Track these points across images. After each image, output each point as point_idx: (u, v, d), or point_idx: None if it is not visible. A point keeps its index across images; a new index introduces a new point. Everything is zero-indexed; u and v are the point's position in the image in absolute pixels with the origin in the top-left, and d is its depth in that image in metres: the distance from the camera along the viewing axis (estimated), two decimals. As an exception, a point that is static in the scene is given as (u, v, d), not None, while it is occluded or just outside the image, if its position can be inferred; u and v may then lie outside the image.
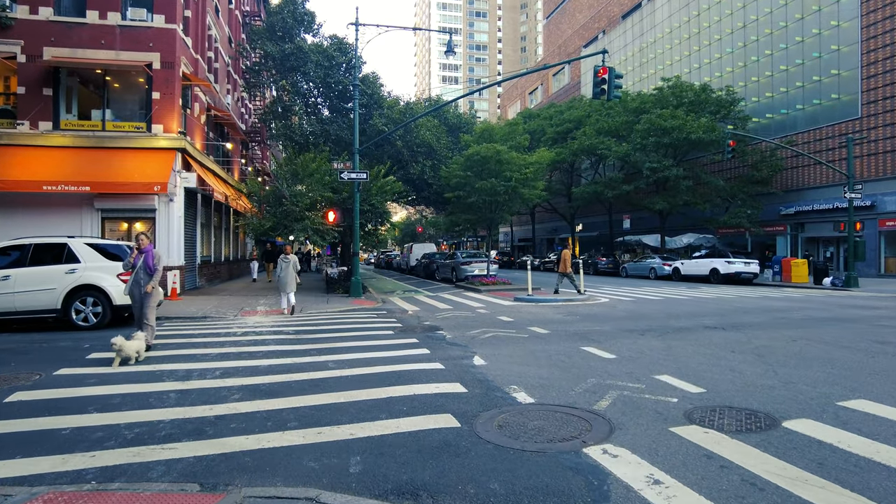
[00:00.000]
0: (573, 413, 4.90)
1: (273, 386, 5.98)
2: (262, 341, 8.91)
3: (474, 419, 4.74)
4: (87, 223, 16.34)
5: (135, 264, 7.97)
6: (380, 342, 8.71)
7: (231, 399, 5.51)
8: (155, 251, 8.11)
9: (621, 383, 5.91)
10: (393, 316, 12.55)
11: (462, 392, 5.60)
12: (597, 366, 6.77)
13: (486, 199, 21.17)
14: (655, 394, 5.48)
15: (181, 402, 5.44)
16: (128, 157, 16.36)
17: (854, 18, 27.62)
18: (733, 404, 5.09)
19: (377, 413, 4.96)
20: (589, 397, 5.40)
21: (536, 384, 5.91)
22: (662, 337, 8.92)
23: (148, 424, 4.76)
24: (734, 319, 11.09)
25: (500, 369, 6.63)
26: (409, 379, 6.17)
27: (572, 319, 11.28)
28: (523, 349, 7.92)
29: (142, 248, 7.99)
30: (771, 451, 3.90)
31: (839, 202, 27.28)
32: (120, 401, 5.48)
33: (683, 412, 4.89)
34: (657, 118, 29.87)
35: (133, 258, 7.99)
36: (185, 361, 7.31)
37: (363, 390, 5.71)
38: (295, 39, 23.36)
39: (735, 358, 7.14)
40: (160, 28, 16.89)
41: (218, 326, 10.85)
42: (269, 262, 25.56)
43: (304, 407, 5.18)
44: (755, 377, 6.10)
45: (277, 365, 7.01)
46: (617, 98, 14.27)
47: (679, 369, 6.54)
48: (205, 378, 6.41)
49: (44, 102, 16.19)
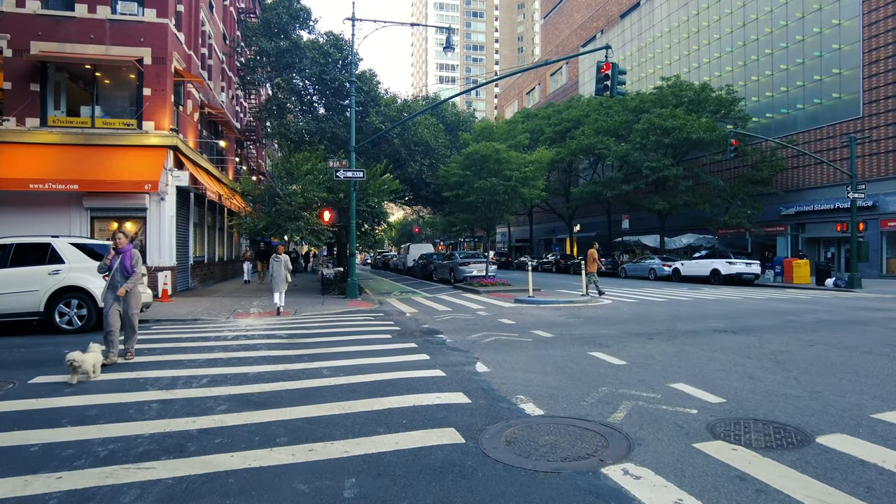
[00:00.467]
0: (587, 427, 4.53)
1: (263, 396, 5.59)
2: (254, 346, 8.51)
3: (480, 434, 4.37)
4: (76, 222, 15.90)
5: (111, 266, 7.26)
6: (377, 347, 8.32)
7: (217, 410, 5.12)
8: (133, 251, 7.37)
9: (635, 392, 5.54)
10: (390, 318, 12.16)
11: (465, 403, 5.22)
12: (607, 373, 6.40)
13: (486, 198, 20.81)
14: (673, 404, 5.11)
15: (163, 413, 5.05)
16: (118, 154, 15.93)
17: (855, 17, 27.38)
18: (758, 416, 4.73)
19: (374, 427, 4.57)
20: (602, 408, 5.02)
21: (545, 394, 5.53)
22: (672, 341, 8.56)
23: (125, 440, 4.36)
24: (743, 322, 10.75)
25: (505, 377, 6.25)
26: (409, 388, 5.79)
27: (576, 322, 10.92)
28: (528, 355, 7.54)
29: (119, 247, 7.29)
30: (810, 472, 3.53)
31: (840, 202, 27.02)
32: (97, 412, 5.08)
33: (706, 425, 4.52)
34: (657, 118, 29.59)
35: (109, 259, 7.28)
36: (172, 368, 6.91)
37: (359, 401, 5.33)
38: (290, 36, 22.95)
39: (751, 364, 6.78)
40: (151, 22, 16.46)
41: (208, 329, 10.44)
42: (261, 262, 25.06)
43: (296, 420, 4.79)
44: (776, 385, 5.74)
45: (268, 372, 6.61)
46: (620, 95, 13.92)
47: (694, 376, 6.17)
48: (191, 386, 6.01)
49: (31, 98, 15.74)
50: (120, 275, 7.21)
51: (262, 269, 24.71)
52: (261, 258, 25.30)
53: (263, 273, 24.45)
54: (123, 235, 7.37)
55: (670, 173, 29.46)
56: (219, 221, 24.96)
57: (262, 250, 25.90)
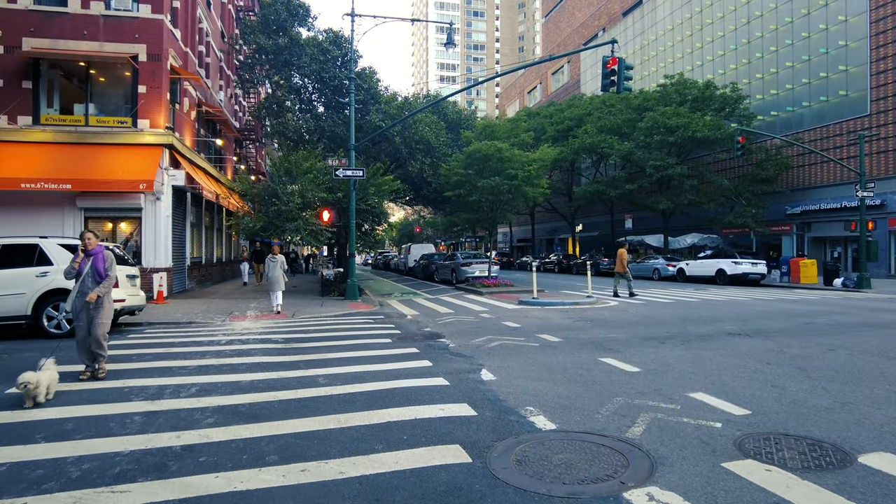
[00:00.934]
0: (604, 443, 4.16)
1: (254, 407, 5.23)
2: (248, 351, 8.14)
3: (488, 452, 4.00)
4: (70, 223, 15.54)
5: (80, 270, 6.34)
6: (376, 352, 7.94)
7: (204, 423, 4.76)
8: (105, 252, 6.45)
9: (653, 403, 5.17)
10: (391, 321, 11.79)
11: (471, 415, 4.85)
12: (621, 381, 6.03)
13: (488, 197, 20.41)
14: (694, 417, 4.74)
15: (146, 427, 4.69)
16: (112, 153, 15.58)
17: (862, 13, 26.97)
18: (789, 431, 4.36)
19: (372, 443, 4.21)
20: (619, 421, 4.66)
21: (556, 405, 5.16)
22: (685, 345, 8.18)
23: (101, 458, 4.00)
24: (756, 325, 10.36)
25: (513, 385, 5.88)
26: (410, 398, 5.42)
27: (584, 325, 10.54)
28: (536, 361, 7.17)
29: (88, 249, 6.38)
30: (857, 498, 3.17)
31: (847, 201, 26.62)
32: (74, 427, 4.72)
33: (733, 441, 4.15)
34: (661, 116, 29.21)
35: (78, 263, 6.35)
36: (160, 375, 6.55)
37: (356, 413, 4.96)
38: (289, 33, 22.59)
39: (773, 371, 6.41)
40: (146, 18, 16.11)
41: (202, 333, 10.07)
42: (258, 264, 24.63)
43: (288, 435, 4.43)
44: (804, 395, 5.36)
45: (261, 381, 6.25)
46: (627, 90, 13.55)
47: (713, 385, 5.80)
48: (178, 396, 5.65)
49: (23, 96, 15.40)
50: (91, 279, 6.33)
51: (259, 270, 24.31)
52: (257, 259, 24.87)
53: (259, 274, 24.08)
54: (93, 235, 6.52)
55: (674, 172, 29.08)
56: (217, 222, 24.61)
57: (258, 250, 25.46)
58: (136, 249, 16.22)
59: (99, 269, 6.35)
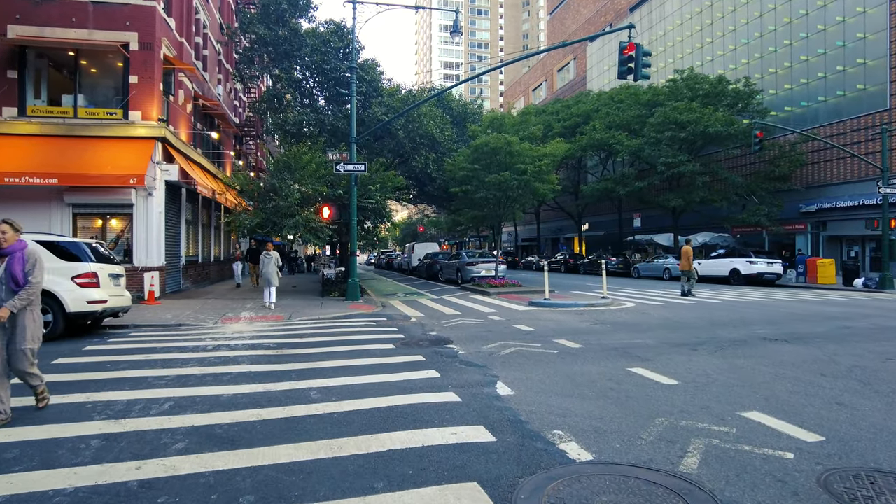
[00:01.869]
0: (654, 479, 3.37)
1: (233, 429, 4.45)
2: (235, 359, 7.36)
3: (513, 492, 3.22)
4: (57, 219, 14.83)
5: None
6: (378, 360, 7.15)
7: (172, 450, 3.99)
8: (27, 251, 4.79)
9: (702, 425, 4.37)
10: (394, 324, 11.00)
11: (489, 441, 4.06)
12: (658, 396, 5.23)
13: (496, 193, 19.58)
14: (757, 444, 3.95)
15: (102, 455, 3.91)
16: (102, 146, 14.85)
17: (882, 4, 26.01)
18: (883, 466, 3.55)
19: (371, 479, 3.43)
20: (667, 449, 3.86)
21: (588, 427, 4.37)
22: (720, 352, 7.37)
23: (37, 499, 3.24)
24: (790, 328, 9.54)
25: (534, 402, 5.08)
26: (416, 418, 4.63)
27: (603, 329, 9.73)
28: (557, 371, 6.37)
29: (2, 247, 4.78)
30: None
31: (866, 198, 25.68)
32: (18, 454, 3.95)
33: (815, 478, 3.36)
34: (672, 111, 28.33)
35: None
36: (131, 388, 5.78)
37: (353, 438, 4.18)
38: (289, 23, 21.82)
39: (831, 385, 5.59)
40: (138, 5, 15.36)
41: (189, 337, 9.31)
42: (253, 264, 22.55)
43: (268, 467, 3.65)
44: (882, 417, 4.55)
45: (244, 395, 5.46)
46: (645, 77, 12.72)
47: (767, 401, 5.00)
48: (147, 414, 4.88)
49: (8, 86, 14.67)
50: (5, 288, 4.72)
51: (255, 271, 21.82)
52: (253, 259, 22.59)
53: (256, 276, 21.44)
54: (10, 227, 4.81)
55: (686, 169, 28.21)
56: (215, 219, 23.87)
57: (254, 249, 24.10)
58: (128, 247, 15.50)
59: (17, 274, 4.70)
